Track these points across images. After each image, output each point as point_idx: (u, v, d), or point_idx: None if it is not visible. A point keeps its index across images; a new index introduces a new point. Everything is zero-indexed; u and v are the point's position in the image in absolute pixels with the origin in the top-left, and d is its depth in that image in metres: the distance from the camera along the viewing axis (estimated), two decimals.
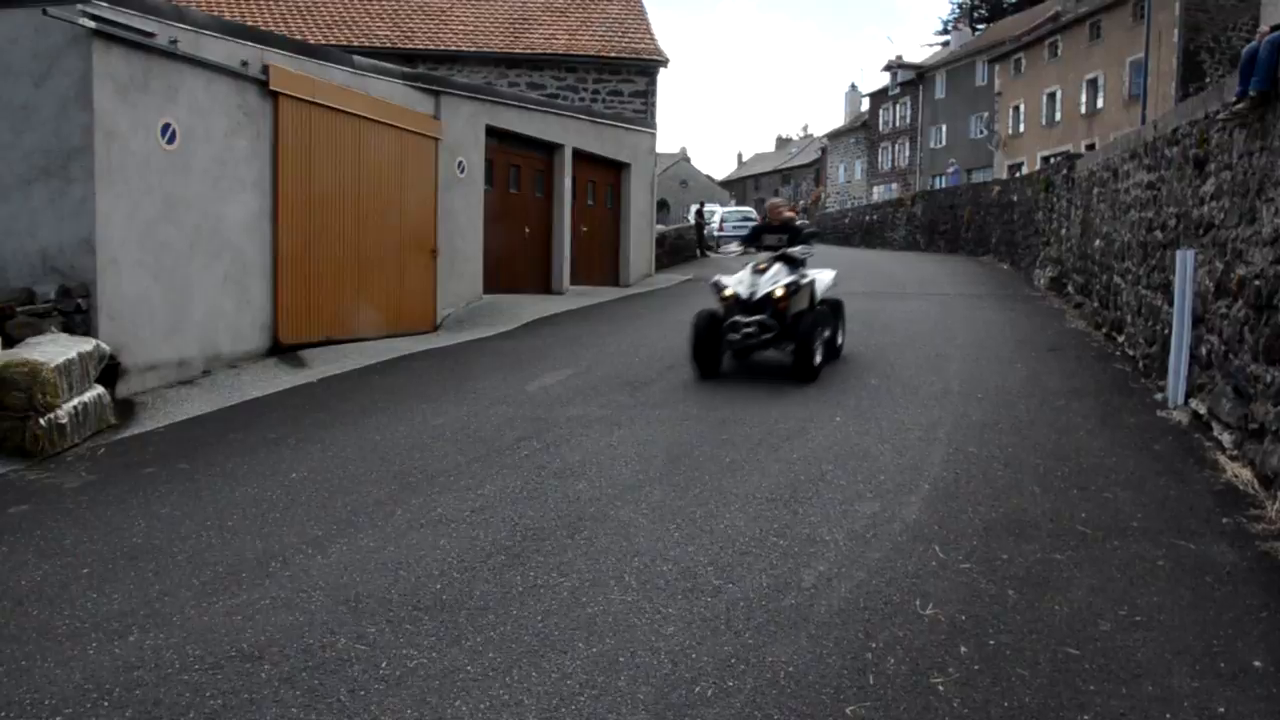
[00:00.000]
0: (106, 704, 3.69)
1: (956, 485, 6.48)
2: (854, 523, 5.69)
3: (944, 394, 9.39)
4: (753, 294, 10.06)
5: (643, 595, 4.64)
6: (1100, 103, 39.76)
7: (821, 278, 11.23)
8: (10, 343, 8.12)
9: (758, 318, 9.93)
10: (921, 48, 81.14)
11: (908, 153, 61.82)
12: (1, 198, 8.92)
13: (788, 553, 5.20)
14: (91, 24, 8.84)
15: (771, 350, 10.33)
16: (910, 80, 61.39)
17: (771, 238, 10.97)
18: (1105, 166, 13.60)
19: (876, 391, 9.53)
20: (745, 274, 10.36)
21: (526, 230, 18.26)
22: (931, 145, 58.35)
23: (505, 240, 17.27)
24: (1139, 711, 3.59)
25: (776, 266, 10.33)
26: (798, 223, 11.97)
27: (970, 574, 4.93)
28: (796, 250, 10.59)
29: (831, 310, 11.12)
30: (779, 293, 10.03)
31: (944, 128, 57.01)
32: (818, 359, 10.00)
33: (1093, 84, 40.27)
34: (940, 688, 3.75)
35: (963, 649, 4.07)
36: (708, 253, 30.30)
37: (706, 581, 4.80)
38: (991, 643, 4.13)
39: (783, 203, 12.12)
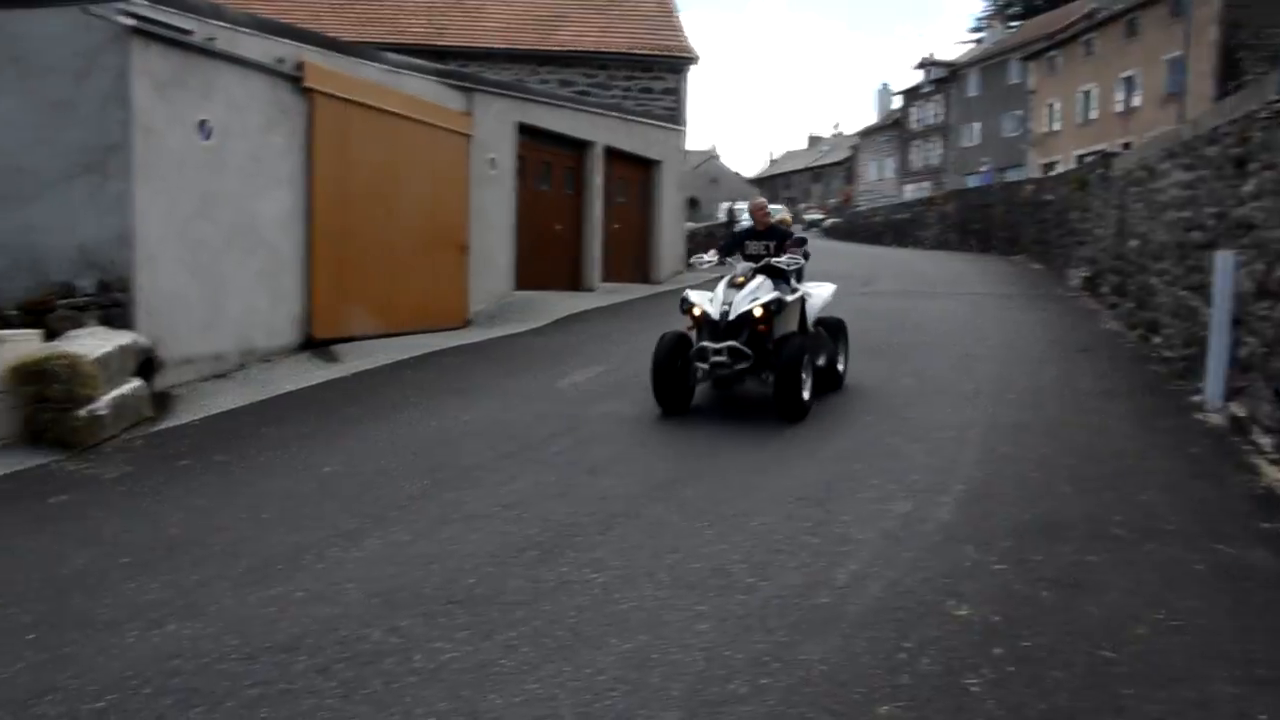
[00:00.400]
0: (147, 691, 3.74)
1: (989, 486, 6.45)
2: (886, 522, 5.67)
3: (975, 394, 9.34)
4: (725, 314, 8.33)
5: (675, 592, 4.65)
6: (1136, 101, 39.37)
7: (817, 293, 9.66)
8: (51, 335, 8.24)
9: (729, 343, 8.24)
10: (954, 45, 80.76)
11: (940, 151, 61.47)
12: (43, 193, 9.04)
13: (820, 551, 5.19)
14: (130, 21, 8.95)
15: (751, 382, 8.71)
16: (943, 78, 61.06)
17: (755, 245, 9.26)
18: (1142, 166, 13.46)
19: (908, 391, 9.49)
20: (720, 289, 8.60)
21: (557, 227, 18.29)
22: (964, 143, 57.98)
23: (536, 237, 17.31)
24: (1177, 716, 3.55)
25: (758, 280, 8.61)
26: (797, 227, 10.59)
27: (1003, 575, 4.90)
28: (783, 260, 8.84)
29: (830, 332, 9.62)
30: (758, 312, 8.31)
31: (977, 126, 56.63)
32: (806, 393, 8.25)
33: (1129, 82, 39.89)
34: (974, 688, 3.73)
35: (996, 650, 4.05)
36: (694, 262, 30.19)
37: (739, 579, 4.80)
38: (1026, 644, 4.10)
39: (767, 202, 10.23)
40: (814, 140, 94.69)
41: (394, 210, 13.06)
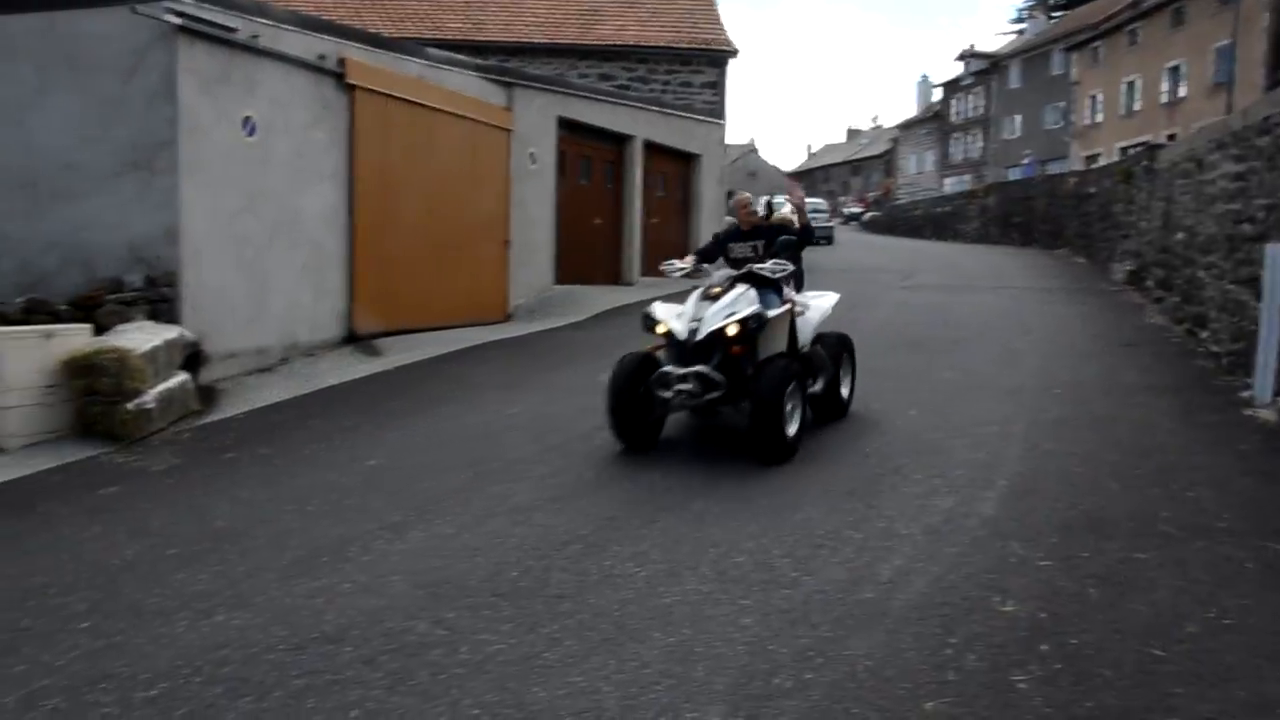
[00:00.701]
0: (198, 680, 3.80)
1: (1033, 481, 6.38)
2: (930, 517, 5.63)
3: (1018, 389, 9.25)
4: (694, 332, 6.99)
5: (719, 586, 4.64)
6: (1182, 91, 38.72)
7: (817, 304, 8.36)
8: (100, 330, 8.37)
9: (697, 368, 6.89)
10: (996, 36, 79.84)
11: (980, 144, 60.86)
12: (92, 190, 9.19)
13: (864, 546, 5.17)
14: (177, 20, 9.07)
15: (730, 412, 7.46)
16: (984, 70, 60.42)
17: (741, 247, 7.85)
18: (1189, 157, 13.25)
19: (950, 386, 9.42)
20: (691, 302, 7.27)
21: (597, 221, 18.32)
22: (1005, 136, 57.36)
23: (576, 231, 17.36)
24: (1229, 716, 3.50)
25: (738, 290, 7.22)
26: (793, 224, 8.48)
27: (1049, 571, 4.85)
28: (767, 267, 7.34)
29: (831, 351, 8.16)
30: (732, 330, 6.93)
31: (1018, 118, 55.98)
32: (792, 428, 6.91)
33: (1174, 72, 39.24)
34: (1021, 685, 3.70)
35: (1043, 647, 4.01)
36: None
37: (782, 573, 4.79)
38: (1073, 641, 4.06)
39: (751, 197, 8.47)
40: (853, 133, 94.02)
41: (435, 205, 13.14)
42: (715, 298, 7.18)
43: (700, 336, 6.96)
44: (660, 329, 7.20)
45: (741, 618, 4.28)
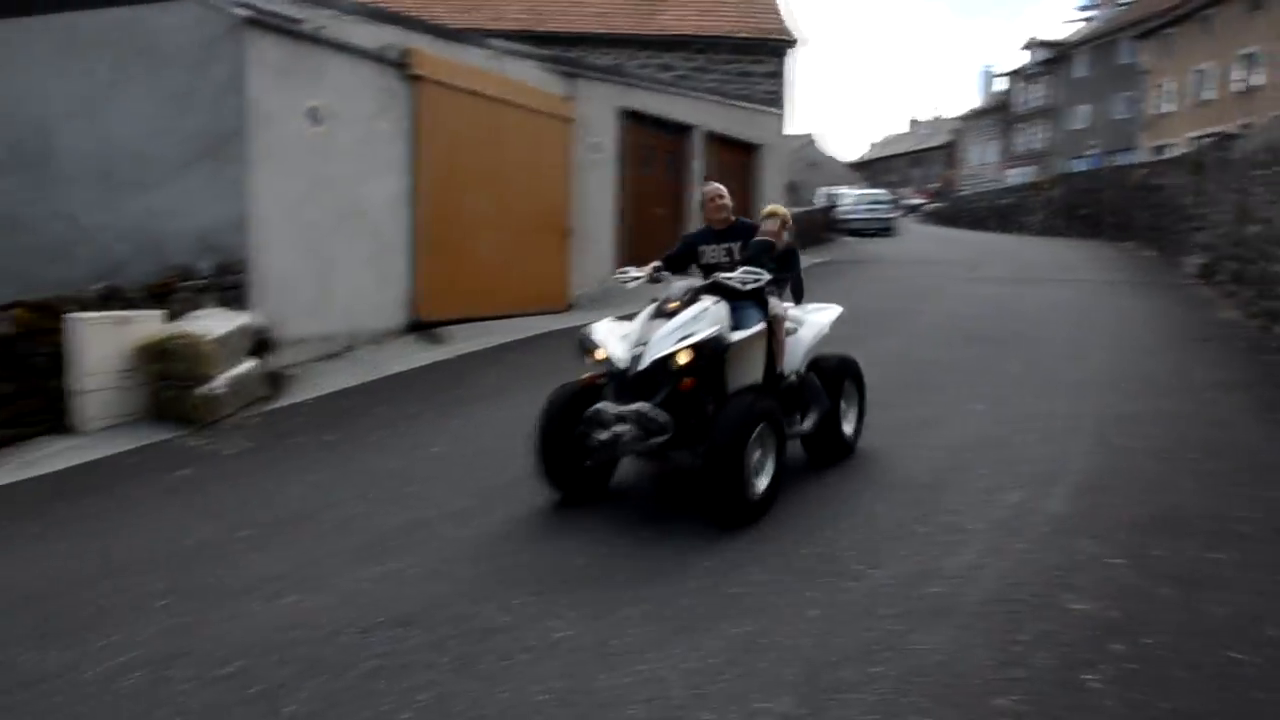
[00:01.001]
0: (272, 660, 3.88)
1: (1102, 478, 6.27)
2: (997, 512, 5.56)
3: (1085, 384, 9.10)
4: (636, 359, 5.51)
5: (784, 577, 4.63)
6: (1258, 79, 37.65)
7: (813, 320, 6.84)
8: (173, 316, 8.55)
9: (636, 406, 5.43)
10: (1063, 24, 78.44)
11: (1045, 134, 59.81)
12: (165, 180, 9.38)
13: (930, 540, 5.11)
14: (246, 12, 9.21)
15: (683, 458, 5.76)
16: (1050, 59, 59.34)
17: (714, 251, 6.51)
18: (1266, 147, 12.91)
19: (1016, 380, 9.28)
20: (639, 321, 5.78)
21: (659, 211, 18.27)
22: (1071, 127, 56.29)
23: (638, 221, 17.32)
24: None
25: (701, 305, 5.74)
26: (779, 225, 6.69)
27: (1120, 569, 4.76)
28: (735, 276, 5.84)
29: (828, 380, 6.66)
30: (682, 358, 5.42)
31: (1085, 108, 54.89)
32: (758, 483, 5.47)
33: (1249, 59, 38.17)
34: (1093, 684, 3.64)
35: (1116, 646, 3.93)
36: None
37: (848, 566, 4.76)
38: (1147, 641, 3.98)
39: (722, 190, 6.84)
40: (915, 124, 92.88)
41: (498, 194, 13.21)
42: (670, 315, 5.68)
43: (642, 365, 5.48)
44: (599, 354, 5.71)
45: (808, 609, 4.26)
